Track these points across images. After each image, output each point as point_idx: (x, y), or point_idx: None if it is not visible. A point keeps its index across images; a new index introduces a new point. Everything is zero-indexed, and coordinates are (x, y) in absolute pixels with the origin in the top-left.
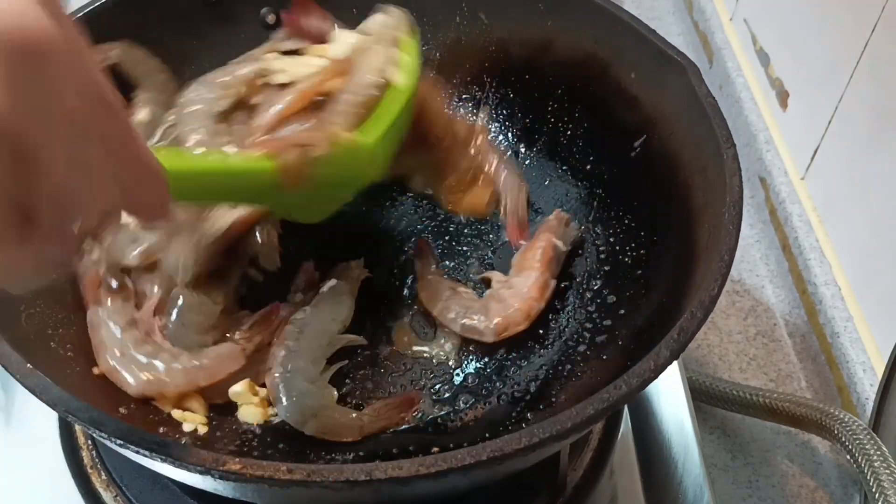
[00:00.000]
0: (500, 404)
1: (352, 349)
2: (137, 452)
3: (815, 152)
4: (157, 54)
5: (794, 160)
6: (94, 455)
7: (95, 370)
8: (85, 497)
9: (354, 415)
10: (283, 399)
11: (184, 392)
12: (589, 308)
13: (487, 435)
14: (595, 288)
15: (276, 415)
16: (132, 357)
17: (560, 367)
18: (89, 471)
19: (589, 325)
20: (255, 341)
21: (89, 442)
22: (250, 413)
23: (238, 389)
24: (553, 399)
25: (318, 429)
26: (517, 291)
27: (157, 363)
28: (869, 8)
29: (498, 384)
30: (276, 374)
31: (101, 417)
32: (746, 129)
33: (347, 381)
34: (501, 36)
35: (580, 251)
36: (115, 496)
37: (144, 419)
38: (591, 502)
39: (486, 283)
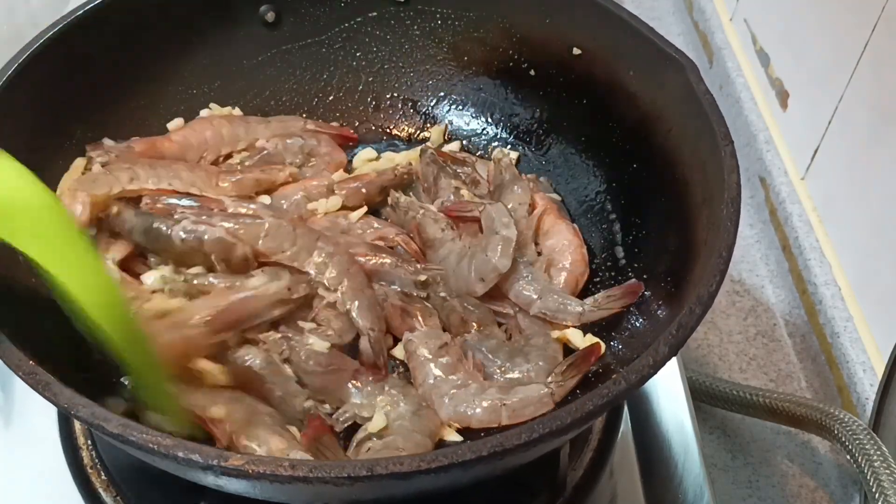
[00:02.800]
0: None
1: None
2: (140, 449)
3: (815, 152)
4: (157, 52)
5: (794, 160)
6: (94, 455)
7: None
8: (85, 497)
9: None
10: None
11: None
12: None
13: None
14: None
15: None
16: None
17: None
18: (89, 471)
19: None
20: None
21: (89, 442)
22: None
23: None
24: None
25: None
26: (560, 250)
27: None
28: (869, 8)
29: None
30: None
31: (105, 414)
32: (746, 129)
33: None
34: (499, 34)
35: None
36: (115, 496)
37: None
38: (591, 502)
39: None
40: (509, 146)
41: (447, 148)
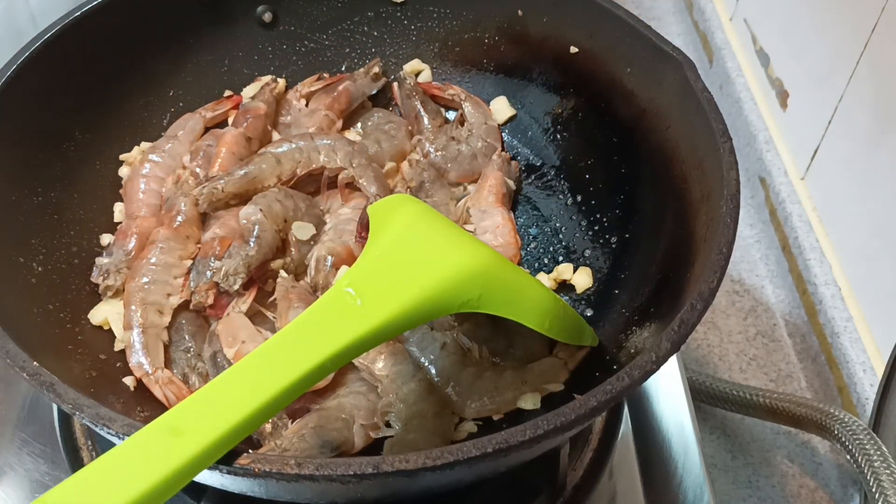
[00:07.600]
0: None
1: None
2: None
3: (815, 152)
4: (156, 53)
5: (794, 160)
6: (94, 456)
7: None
8: None
9: None
10: None
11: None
12: (585, 303)
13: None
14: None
15: None
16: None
17: None
18: None
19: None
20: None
21: (89, 442)
22: None
23: None
24: None
25: None
26: (492, 232)
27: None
28: (869, 8)
29: None
30: None
31: (109, 414)
32: (746, 129)
33: None
34: (496, 33)
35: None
36: None
37: (144, 414)
38: (590, 502)
39: None
40: (505, 146)
41: (420, 79)
